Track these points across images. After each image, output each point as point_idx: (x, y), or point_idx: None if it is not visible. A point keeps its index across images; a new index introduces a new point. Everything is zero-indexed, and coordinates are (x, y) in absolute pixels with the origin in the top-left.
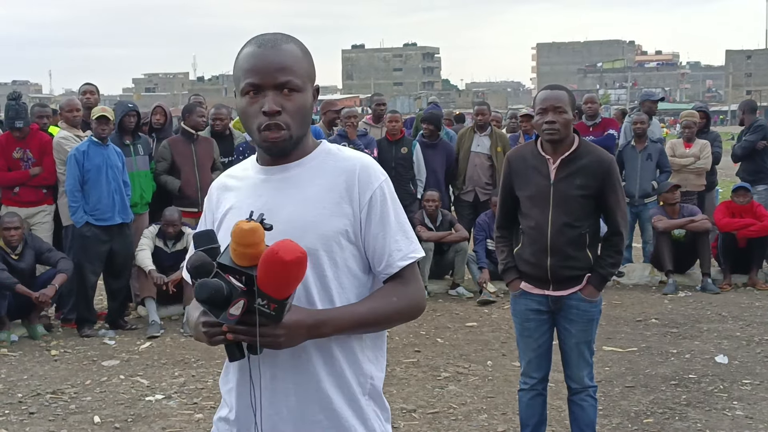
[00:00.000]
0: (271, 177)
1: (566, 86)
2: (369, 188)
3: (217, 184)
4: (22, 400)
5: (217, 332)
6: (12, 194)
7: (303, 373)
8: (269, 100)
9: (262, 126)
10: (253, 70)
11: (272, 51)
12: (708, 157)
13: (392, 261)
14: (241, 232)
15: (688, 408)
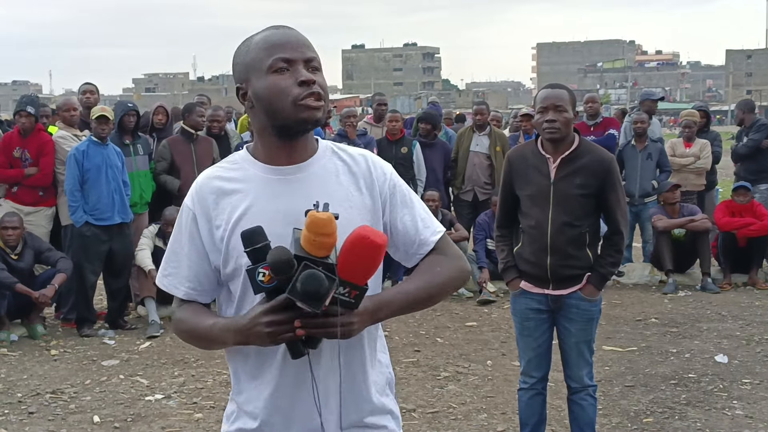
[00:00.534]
0: (287, 177)
1: (567, 86)
2: (385, 177)
3: (207, 186)
4: (22, 400)
5: (287, 330)
6: (11, 193)
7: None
8: (303, 71)
9: (301, 96)
10: (282, 45)
11: (294, 31)
12: (708, 157)
13: (425, 239)
14: (321, 221)
15: (688, 407)
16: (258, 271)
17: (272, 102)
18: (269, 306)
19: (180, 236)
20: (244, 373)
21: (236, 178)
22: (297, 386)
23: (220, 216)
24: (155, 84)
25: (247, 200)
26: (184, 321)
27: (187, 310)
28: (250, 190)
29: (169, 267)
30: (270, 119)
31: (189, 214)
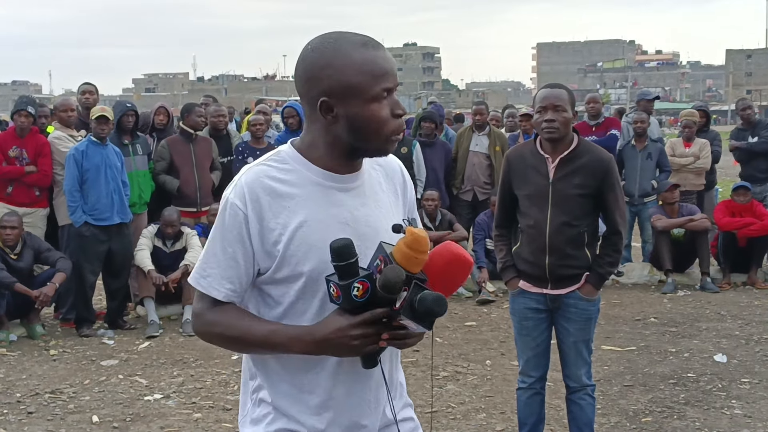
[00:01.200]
0: (344, 185)
1: (566, 85)
2: (410, 186)
3: (263, 188)
4: (21, 400)
5: (374, 342)
6: (5, 194)
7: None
8: (398, 101)
9: (397, 129)
10: (386, 74)
11: (388, 53)
12: (708, 157)
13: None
14: (423, 240)
15: (687, 407)
16: (354, 285)
17: (368, 130)
18: (362, 319)
19: (224, 236)
20: (286, 375)
21: (290, 181)
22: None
23: (275, 219)
24: (155, 84)
25: (306, 207)
26: (222, 324)
27: (226, 313)
28: (308, 197)
29: (209, 268)
30: (355, 141)
31: (239, 215)
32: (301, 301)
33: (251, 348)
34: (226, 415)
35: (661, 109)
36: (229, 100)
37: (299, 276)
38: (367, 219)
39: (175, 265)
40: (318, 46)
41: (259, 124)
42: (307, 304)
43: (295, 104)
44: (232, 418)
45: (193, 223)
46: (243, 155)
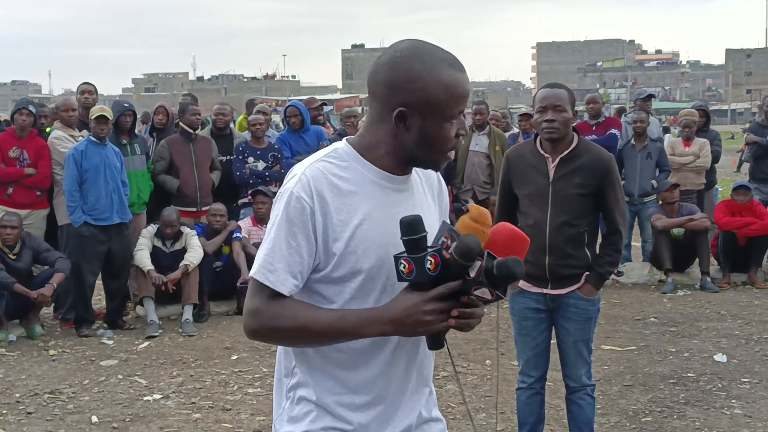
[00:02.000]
0: (399, 186)
1: (566, 85)
2: (445, 193)
3: (326, 183)
4: (20, 400)
5: (444, 319)
6: (5, 195)
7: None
8: (463, 123)
9: (454, 146)
10: (463, 98)
11: (467, 75)
12: (707, 156)
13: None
14: (486, 213)
15: (687, 407)
16: (427, 258)
17: (435, 146)
18: (437, 293)
19: (290, 229)
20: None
21: (350, 179)
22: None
23: (338, 216)
24: (155, 84)
25: (366, 205)
26: (285, 315)
27: (287, 304)
28: (368, 195)
29: (275, 262)
30: (419, 152)
31: (306, 209)
32: (356, 300)
33: (317, 337)
34: (225, 416)
35: (661, 109)
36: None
37: (358, 273)
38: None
39: (174, 265)
40: (408, 56)
41: (259, 124)
42: (361, 302)
43: (297, 104)
44: (231, 418)
45: (192, 223)
46: (243, 155)
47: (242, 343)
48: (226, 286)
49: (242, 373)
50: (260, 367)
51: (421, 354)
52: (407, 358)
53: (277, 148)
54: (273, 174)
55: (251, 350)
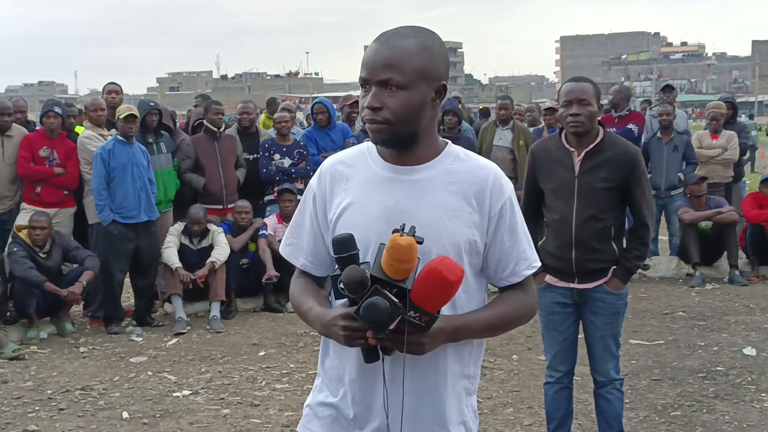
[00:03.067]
0: (401, 177)
1: (591, 78)
2: (501, 198)
3: (330, 169)
4: (52, 397)
5: (359, 336)
6: (34, 194)
7: (423, 377)
8: (371, 95)
9: (365, 119)
10: (364, 64)
11: (382, 46)
12: (735, 148)
13: (518, 270)
14: (401, 248)
15: (716, 400)
16: (339, 280)
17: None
18: (346, 312)
19: (303, 211)
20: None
21: (354, 167)
22: (373, 382)
23: (333, 199)
24: (179, 83)
25: (357, 191)
26: (293, 294)
27: (298, 285)
28: (362, 182)
29: (291, 237)
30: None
31: (311, 194)
32: None
33: (306, 322)
34: (254, 411)
35: (687, 101)
36: (252, 97)
37: None
38: (412, 212)
39: (201, 263)
40: None
41: (284, 122)
42: None
43: (324, 100)
44: (260, 413)
45: (219, 220)
46: (269, 152)
47: (269, 339)
48: (253, 283)
49: (270, 369)
50: (287, 363)
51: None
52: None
53: (302, 145)
54: (299, 171)
55: (278, 346)
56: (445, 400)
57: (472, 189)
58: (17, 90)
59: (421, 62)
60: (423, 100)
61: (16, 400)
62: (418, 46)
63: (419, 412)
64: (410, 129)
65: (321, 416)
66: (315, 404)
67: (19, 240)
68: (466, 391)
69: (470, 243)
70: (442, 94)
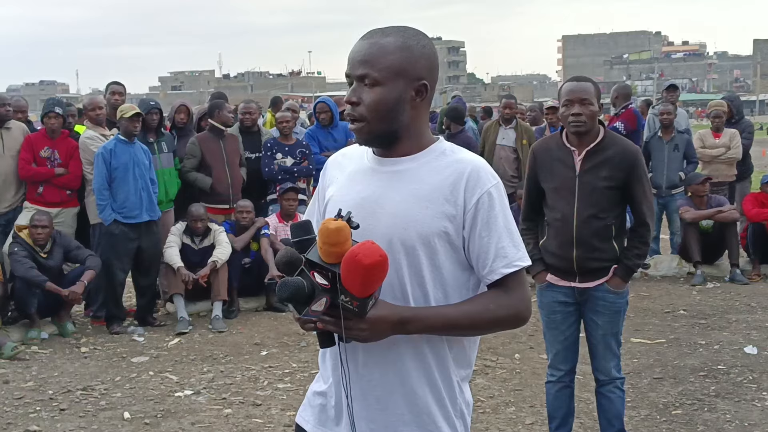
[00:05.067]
0: (382, 168)
1: (592, 78)
2: (477, 191)
3: (332, 161)
4: (53, 397)
5: (307, 320)
6: (36, 194)
7: (390, 365)
8: (349, 90)
9: (346, 115)
10: (348, 60)
11: (362, 43)
12: (738, 147)
13: (495, 267)
14: (327, 231)
15: (717, 399)
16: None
17: None
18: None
19: (313, 203)
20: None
21: (352, 159)
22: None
23: (329, 189)
24: (181, 82)
25: (342, 181)
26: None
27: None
28: (350, 173)
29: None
30: None
31: (321, 180)
32: None
33: None
34: (256, 411)
35: (688, 101)
36: (254, 96)
37: None
38: (383, 201)
39: (203, 262)
40: None
41: (286, 121)
42: None
43: (327, 99)
44: (262, 413)
45: (223, 219)
46: (271, 151)
47: (272, 339)
48: (255, 283)
49: (272, 369)
50: (290, 363)
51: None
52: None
53: (305, 144)
54: (301, 170)
55: (281, 346)
56: (418, 397)
57: (447, 181)
58: (18, 89)
59: (398, 60)
60: (399, 98)
61: (17, 401)
62: (397, 45)
63: (385, 400)
64: (387, 127)
65: (313, 405)
66: (310, 393)
67: (20, 240)
68: (448, 389)
69: (442, 235)
70: (424, 93)
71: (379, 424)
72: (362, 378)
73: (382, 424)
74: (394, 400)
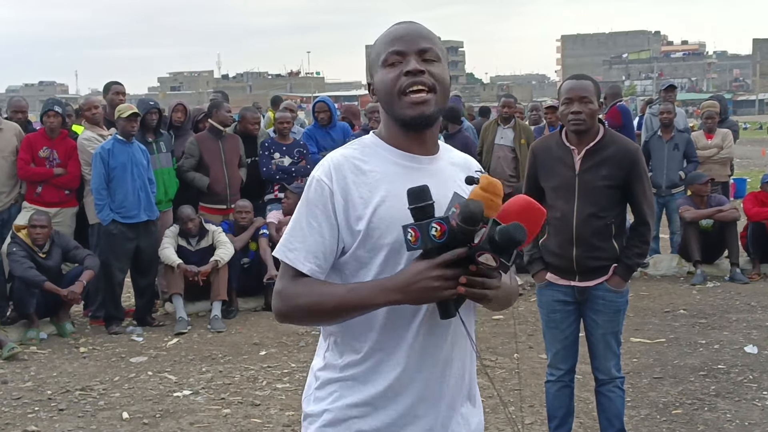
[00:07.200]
0: (423, 166)
1: (591, 76)
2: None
3: (349, 166)
4: (52, 397)
5: (452, 286)
6: (35, 194)
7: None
8: (412, 61)
9: (405, 87)
10: (398, 39)
11: (414, 25)
12: (730, 146)
13: None
14: (496, 183)
15: (718, 398)
16: (432, 225)
17: (384, 95)
18: (441, 260)
19: (310, 210)
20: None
21: (371, 161)
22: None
23: (359, 194)
24: (180, 82)
25: (386, 183)
26: (303, 293)
27: (307, 283)
28: (388, 174)
29: (295, 241)
30: (388, 113)
31: (325, 189)
32: (383, 274)
33: (332, 313)
34: (255, 411)
35: (687, 100)
36: (253, 97)
37: (381, 248)
38: (440, 199)
39: (201, 263)
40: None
41: (286, 122)
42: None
43: (326, 99)
44: (260, 413)
45: (220, 220)
46: (269, 151)
47: (270, 338)
48: (254, 283)
49: (271, 369)
50: (289, 363)
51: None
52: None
53: (302, 144)
54: (299, 169)
55: (279, 346)
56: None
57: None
58: (18, 90)
59: (443, 47)
60: (449, 79)
61: (15, 401)
62: (434, 34)
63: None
64: (443, 105)
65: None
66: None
67: (18, 240)
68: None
69: None
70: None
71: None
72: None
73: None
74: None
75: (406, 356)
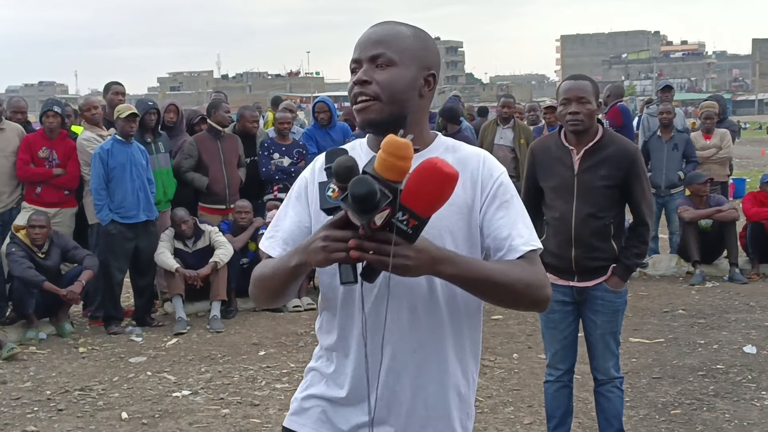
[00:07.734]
0: None
1: (590, 76)
2: (491, 180)
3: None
4: (51, 397)
5: (340, 248)
6: (34, 194)
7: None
8: (360, 71)
9: (353, 96)
10: (357, 46)
11: (376, 28)
12: (729, 146)
13: (515, 246)
14: (397, 142)
15: (716, 398)
16: (329, 186)
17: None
18: (329, 221)
19: (288, 201)
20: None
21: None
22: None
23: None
24: (180, 83)
25: None
26: (260, 267)
27: (265, 263)
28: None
29: (272, 230)
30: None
31: (302, 182)
32: None
33: (270, 279)
34: (253, 411)
35: (687, 100)
36: (253, 97)
37: None
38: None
39: (199, 265)
40: None
41: (286, 122)
42: None
43: (326, 99)
44: (259, 413)
45: (219, 220)
46: (268, 151)
47: (269, 339)
48: None
49: (270, 369)
50: (287, 363)
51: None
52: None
53: (302, 144)
54: (298, 170)
55: (278, 346)
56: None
57: (465, 177)
58: (17, 90)
59: (413, 45)
60: (412, 81)
61: (15, 401)
62: (410, 32)
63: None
64: (398, 110)
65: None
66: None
67: (17, 240)
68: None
69: (465, 229)
70: (432, 85)
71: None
72: (387, 386)
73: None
74: (421, 398)
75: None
